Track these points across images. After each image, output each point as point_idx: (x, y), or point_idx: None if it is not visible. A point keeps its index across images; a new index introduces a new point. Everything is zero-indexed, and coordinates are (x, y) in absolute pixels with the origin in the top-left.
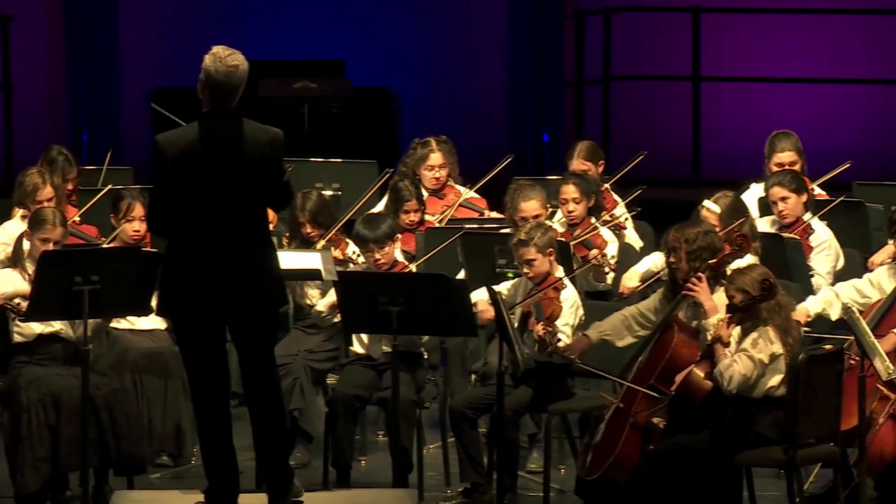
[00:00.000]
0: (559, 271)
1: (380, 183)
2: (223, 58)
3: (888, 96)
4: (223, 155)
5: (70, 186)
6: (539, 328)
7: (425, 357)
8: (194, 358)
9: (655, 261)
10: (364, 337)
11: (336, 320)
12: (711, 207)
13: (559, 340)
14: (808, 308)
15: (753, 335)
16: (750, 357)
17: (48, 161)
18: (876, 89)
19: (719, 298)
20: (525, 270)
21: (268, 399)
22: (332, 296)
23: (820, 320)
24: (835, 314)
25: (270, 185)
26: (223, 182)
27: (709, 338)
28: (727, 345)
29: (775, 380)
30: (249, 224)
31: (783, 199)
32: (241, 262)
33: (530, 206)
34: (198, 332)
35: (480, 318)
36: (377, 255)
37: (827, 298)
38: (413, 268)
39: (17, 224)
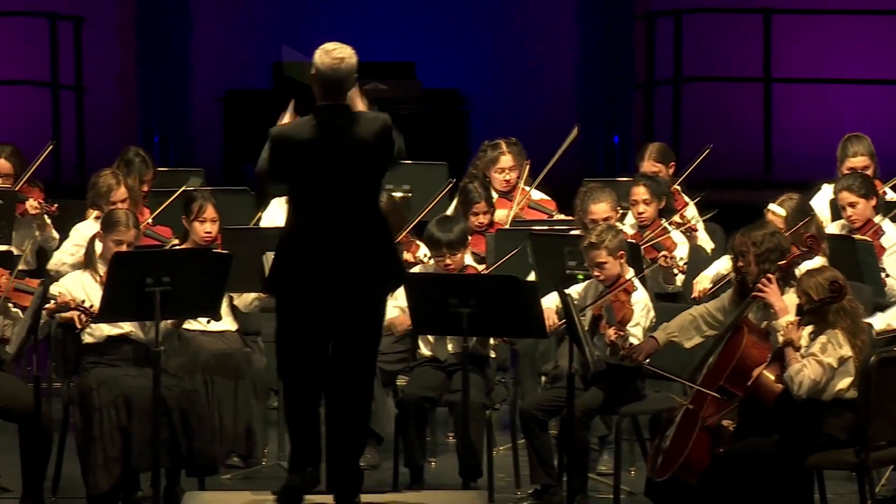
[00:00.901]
0: (630, 273)
1: (446, 189)
2: (329, 51)
3: None
4: (334, 146)
5: (145, 188)
6: (611, 332)
7: (493, 357)
8: (294, 342)
9: (726, 264)
10: (430, 338)
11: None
12: (777, 210)
13: (631, 344)
14: (873, 325)
15: (822, 339)
16: (819, 362)
17: (125, 162)
18: None
19: (789, 300)
20: (596, 273)
21: (358, 395)
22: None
23: None
24: None
25: (381, 172)
26: (335, 171)
27: (779, 339)
28: (798, 348)
29: (845, 382)
30: (362, 211)
31: (851, 204)
32: (355, 247)
33: (600, 208)
34: (303, 313)
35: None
36: (448, 260)
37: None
38: (481, 269)
39: (90, 225)
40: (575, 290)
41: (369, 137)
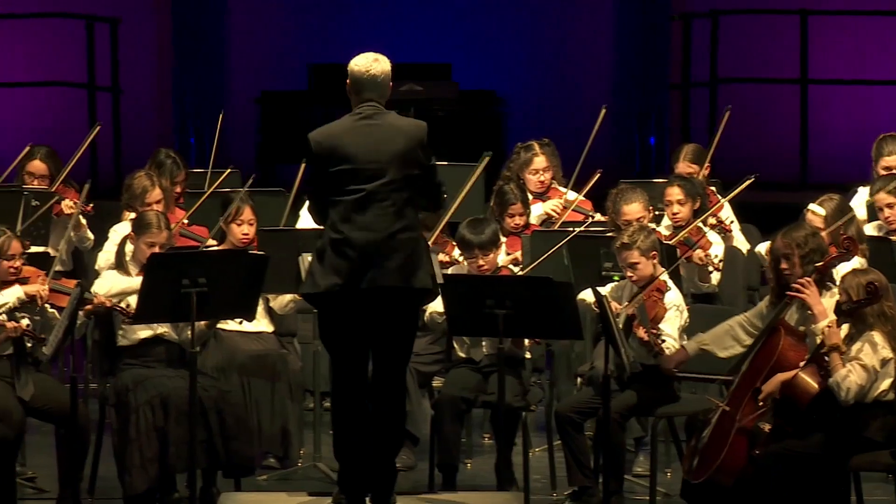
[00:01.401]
0: (663, 274)
1: (465, 191)
2: (364, 57)
3: None
4: (369, 150)
5: (178, 189)
6: (642, 332)
7: (528, 358)
8: (336, 344)
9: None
10: (466, 340)
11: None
12: (817, 210)
13: (663, 342)
14: None
15: (862, 342)
16: (864, 366)
17: (156, 164)
18: None
19: (827, 303)
20: (629, 273)
21: (393, 397)
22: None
23: None
24: None
25: (416, 176)
26: (370, 174)
27: (817, 341)
28: (843, 353)
29: (885, 384)
30: (397, 214)
31: (889, 205)
32: (390, 251)
33: (632, 209)
34: (341, 317)
35: None
36: (480, 261)
37: None
38: (517, 271)
39: (127, 227)
40: (609, 290)
41: (403, 141)
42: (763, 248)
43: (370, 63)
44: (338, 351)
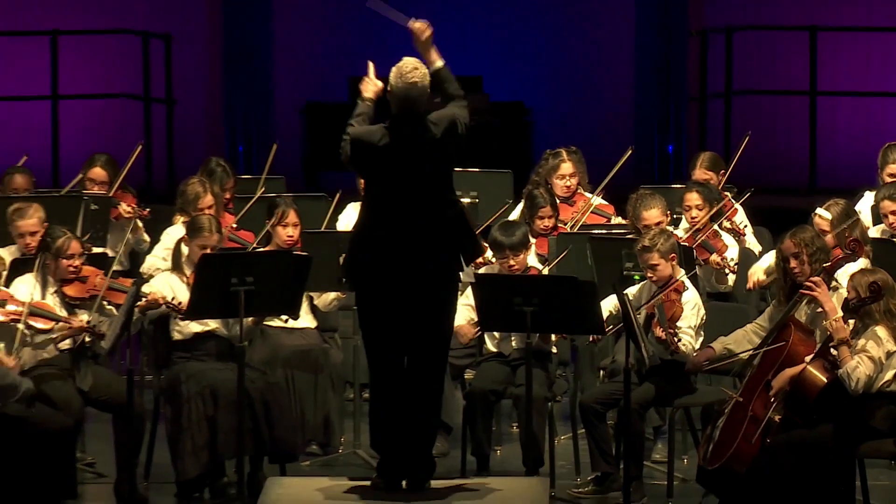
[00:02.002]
0: (681, 274)
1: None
2: (404, 74)
3: None
4: (403, 152)
5: (227, 195)
6: (659, 331)
7: (554, 353)
8: (373, 329)
9: (773, 261)
10: (496, 335)
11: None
12: (823, 214)
13: (679, 340)
14: None
15: (868, 337)
16: (871, 358)
17: (207, 172)
18: None
19: (835, 301)
20: (649, 274)
21: (430, 388)
22: (470, 297)
23: None
24: None
25: (452, 164)
26: (404, 173)
27: (828, 335)
28: (852, 346)
29: (889, 375)
30: (429, 203)
31: (893, 212)
32: (428, 238)
33: (652, 213)
34: (379, 299)
35: (463, 339)
36: (511, 262)
37: None
38: (545, 270)
39: (179, 230)
40: (630, 291)
41: (439, 137)
42: (761, 265)
43: (408, 86)
44: (375, 337)
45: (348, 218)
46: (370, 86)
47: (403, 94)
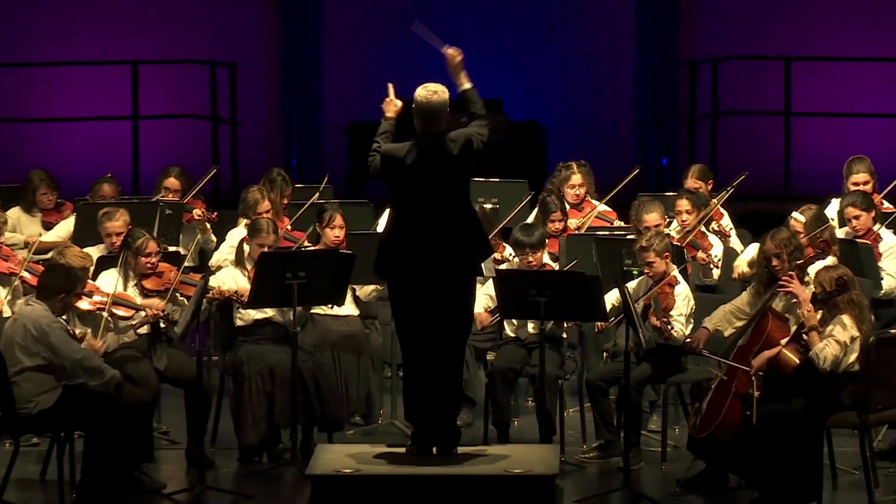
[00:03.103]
0: (674, 270)
1: (526, 200)
2: (425, 95)
3: None
4: (425, 165)
5: (285, 201)
6: (654, 320)
7: (564, 337)
8: (403, 317)
9: (756, 251)
10: (514, 321)
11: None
12: (798, 217)
13: (672, 327)
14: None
15: (834, 324)
16: (837, 341)
17: (269, 181)
18: None
19: (806, 293)
20: (646, 270)
21: (454, 364)
22: (489, 288)
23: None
24: None
25: (468, 177)
26: (426, 182)
27: (800, 322)
28: (821, 332)
29: (852, 357)
30: (453, 210)
31: (855, 216)
32: (447, 238)
33: (651, 217)
34: (407, 291)
35: (479, 324)
36: (530, 258)
37: None
38: (556, 266)
39: (241, 231)
40: (630, 285)
41: (456, 154)
42: (744, 257)
43: (428, 97)
44: (405, 322)
45: (385, 221)
46: (391, 106)
47: (424, 104)
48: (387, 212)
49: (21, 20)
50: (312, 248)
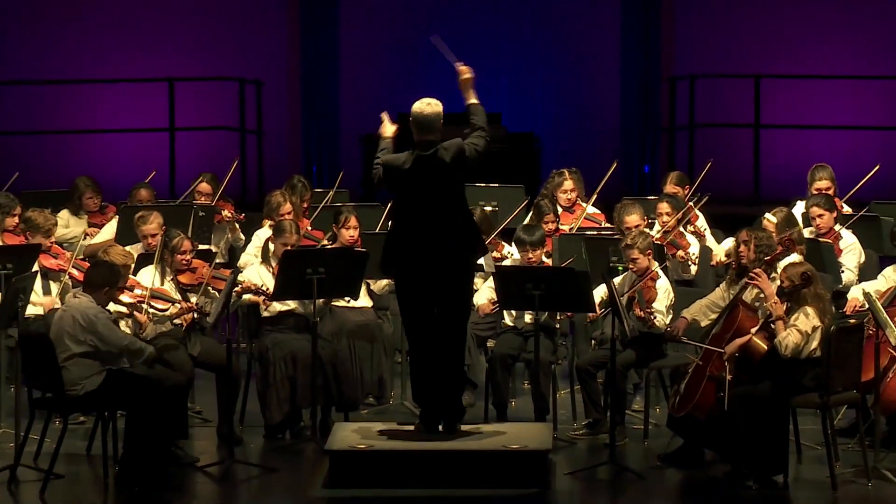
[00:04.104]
0: (655, 266)
1: (523, 205)
2: (422, 101)
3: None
4: (421, 171)
5: (305, 204)
6: (638, 311)
7: (557, 327)
8: (408, 308)
9: (732, 244)
10: (512, 312)
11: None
12: (770, 218)
13: (654, 318)
14: (856, 297)
15: (798, 314)
16: (799, 330)
17: (291, 186)
18: (891, 133)
19: (774, 286)
20: (630, 266)
21: (456, 348)
22: (491, 282)
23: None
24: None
25: (461, 181)
26: (422, 186)
27: (768, 312)
28: (786, 322)
29: (814, 344)
30: (449, 211)
31: (819, 216)
32: (445, 237)
33: (632, 218)
34: (411, 286)
35: (481, 312)
36: (531, 255)
37: (858, 290)
38: (550, 263)
39: (266, 231)
40: (616, 280)
41: (448, 161)
42: (722, 247)
43: (422, 109)
44: (409, 313)
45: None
46: (388, 129)
47: (419, 116)
48: None
49: (67, 43)
50: (330, 246)
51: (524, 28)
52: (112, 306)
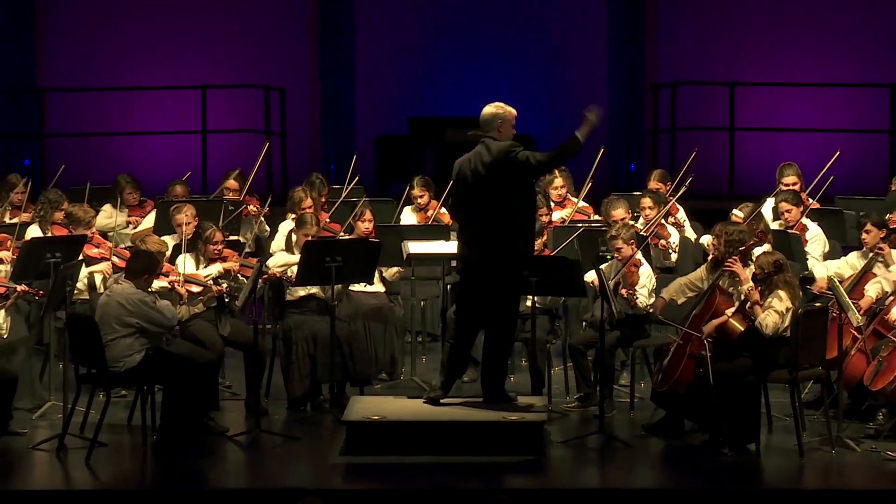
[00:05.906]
0: (638, 254)
1: None
2: (490, 104)
3: (858, 140)
4: (475, 167)
5: (323, 199)
6: (624, 293)
7: (552, 309)
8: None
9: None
10: None
11: None
12: (737, 213)
13: (637, 299)
14: (823, 276)
15: (772, 298)
16: (776, 311)
17: (310, 183)
18: (852, 136)
19: (748, 273)
20: (616, 255)
21: (506, 331)
22: None
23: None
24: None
25: (506, 182)
26: (473, 185)
27: (742, 297)
28: (761, 305)
29: (786, 324)
30: (492, 213)
31: (787, 210)
32: (485, 238)
33: (618, 212)
34: (468, 282)
35: None
36: None
37: (822, 269)
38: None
39: (289, 224)
40: (604, 266)
41: (491, 160)
42: (705, 239)
43: (482, 112)
44: (461, 308)
45: (406, 217)
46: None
47: (481, 118)
48: (406, 209)
49: (110, 55)
50: (347, 237)
51: (523, 41)
52: (155, 283)
